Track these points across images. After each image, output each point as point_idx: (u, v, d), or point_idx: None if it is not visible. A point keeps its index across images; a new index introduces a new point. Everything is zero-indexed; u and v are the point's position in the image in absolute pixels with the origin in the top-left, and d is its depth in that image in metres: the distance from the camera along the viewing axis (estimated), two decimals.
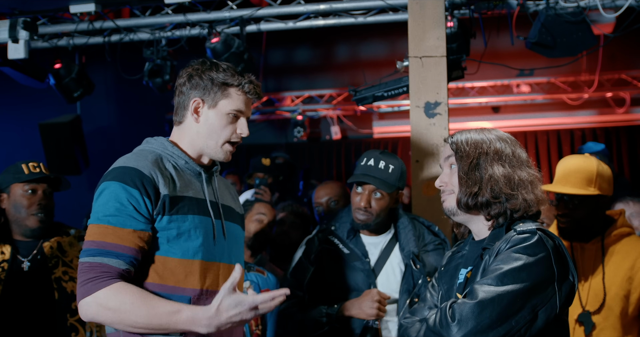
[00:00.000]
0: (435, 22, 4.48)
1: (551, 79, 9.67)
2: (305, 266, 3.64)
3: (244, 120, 2.69)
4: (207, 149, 2.68)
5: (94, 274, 2.38)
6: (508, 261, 2.29)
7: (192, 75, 2.69)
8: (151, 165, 2.53)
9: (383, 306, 3.40)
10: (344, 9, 6.03)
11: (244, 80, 2.66)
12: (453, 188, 2.52)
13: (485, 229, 2.52)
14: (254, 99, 2.72)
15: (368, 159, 3.52)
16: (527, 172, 2.48)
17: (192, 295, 2.51)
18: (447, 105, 4.44)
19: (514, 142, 2.54)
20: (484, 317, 2.23)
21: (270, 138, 11.01)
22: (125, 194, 2.45)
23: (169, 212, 2.50)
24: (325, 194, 4.90)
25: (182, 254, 2.52)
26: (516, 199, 2.42)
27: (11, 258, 3.68)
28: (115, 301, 2.35)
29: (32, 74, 6.46)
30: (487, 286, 2.26)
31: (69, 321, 3.67)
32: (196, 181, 2.67)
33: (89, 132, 7.75)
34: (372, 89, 5.03)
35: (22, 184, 3.72)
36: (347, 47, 10.57)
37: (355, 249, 3.57)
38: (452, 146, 2.55)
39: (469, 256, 2.56)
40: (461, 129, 2.62)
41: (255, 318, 3.68)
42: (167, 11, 6.27)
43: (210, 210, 2.64)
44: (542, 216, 4.25)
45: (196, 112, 2.67)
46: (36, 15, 6.32)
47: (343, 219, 3.70)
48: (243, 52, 6.05)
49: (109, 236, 2.43)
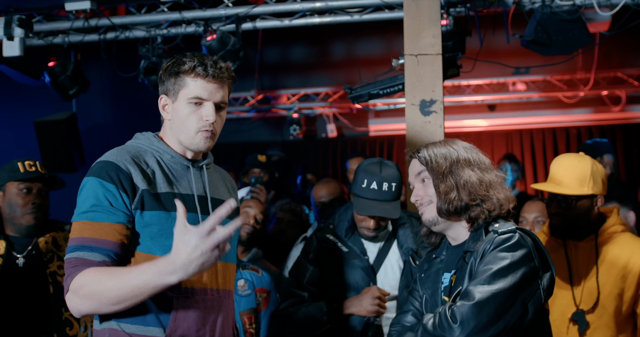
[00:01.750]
0: (431, 20, 4.47)
1: (547, 77, 9.67)
2: (304, 265, 3.66)
3: (208, 104, 2.57)
4: (185, 142, 2.62)
5: (70, 269, 2.38)
6: (495, 261, 2.41)
7: (160, 74, 2.67)
8: (130, 159, 2.52)
9: (383, 302, 3.43)
10: (340, 6, 6.02)
11: (194, 63, 2.56)
12: (430, 198, 2.62)
13: (465, 232, 2.62)
14: (216, 81, 2.59)
15: (370, 182, 3.46)
16: (494, 175, 2.62)
17: (175, 293, 2.47)
18: (443, 103, 4.44)
19: (476, 150, 2.69)
20: (483, 315, 2.34)
21: (266, 136, 11.02)
22: (102, 190, 2.44)
23: (148, 208, 2.48)
24: (328, 194, 4.92)
25: (163, 251, 2.45)
26: (491, 199, 2.56)
27: (6, 254, 3.69)
28: (86, 285, 2.33)
29: (27, 71, 6.45)
30: (481, 287, 2.37)
31: (64, 315, 3.69)
32: (184, 175, 2.64)
33: (85, 129, 7.73)
34: (368, 87, 5.03)
35: (17, 183, 3.72)
36: (343, 45, 10.56)
37: (353, 247, 3.59)
38: (421, 161, 2.65)
39: (449, 260, 2.66)
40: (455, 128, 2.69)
41: (249, 317, 3.70)
42: (162, 9, 6.26)
43: (197, 205, 2.61)
44: (537, 214, 4.29)
45: (164, 109, 2.66)
46: (31, 12, 6.31)
47: (341, 217, 3.70)
48: (239, 50, 6.04)
49: (87, 231, 2.42)
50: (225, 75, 2.60)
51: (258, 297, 3.80)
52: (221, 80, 2.60)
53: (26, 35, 5.33)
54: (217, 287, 2.61)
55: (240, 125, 10.91)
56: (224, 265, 2.66)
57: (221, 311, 2.61)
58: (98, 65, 7.83)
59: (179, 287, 2.48)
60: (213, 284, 2.59)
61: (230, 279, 2.71)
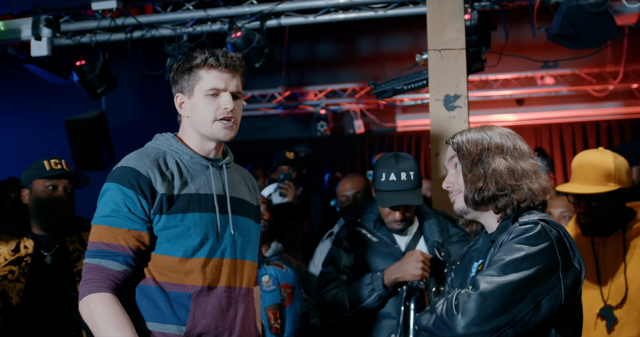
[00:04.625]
0: (455, 15, 4.46)
1: (576, 70, 9.58)
2: (338, 253, 3.72)
3: (225, 94, 2.62)
4: (205, 133, 2.64)
5: (90, 276, 2.45)
6: (510, 251, 2.32)
7: (172, 76, 2.71)
8: (150, 164, 2.55)
9: (427, 266, 3.42)
10: (364, 2, 6.01)
11: (206, 56, 2.61)
12: (460, 187, 2.55)
13: (495, 223, 2.53)
14: (229, 70, 2.63)
15: (387, 175, 3.51)
16: (529, 163, 2.49)
17: (192, 292, 2.52)
18: (467, 98, 4.42)
19: (514, 136, 2.56)
20: (486, 306, 2.26)
21: (293, 132, 11.04)
22: (122, 196, 2.48)
23: (167, 211, 2.52)
24: (352, 188, 4.92)
25: (182, 253, 2.53)
26: (521, 189, 2.44)
27: (34, 252, 3.73)
28: (95, 311, 2.41)
29: (56, 71, 6.54)
30: (489, 277, 2.30)
31: None
32: (203, 175, 2.66)
33: (114, 127, 7.81)
34: (392, 83, 5.03)
35: (44, 180, 3.77)
36: (370, 40, 10.54)
37: (383, 236, 3.62)
38: (453, 146, 2.58)
39: (481, 250, 2.58)
40: (482, 123, 2.64)
41: (274, 312, 3.72)
42: (188, 7, 6.30)
43: (216, 205, 2.63)
44: (563, 209, 4.24)
45: (182, 107, 2.68)
46: (59, 12, 6.37)
47: (368, 209, 3.76)
48: (264, 47, 6.06)
49: (105, 236, 2.47)
50: (237, 64, 2.65)
51: (282, 293, 3.82)
52: (234, 69, 2.65)
53: (54, 35, 5.40)
54: (236, 284, 2.64)
55: (268, 122, 10.95)
56: (241, 263, 2.68)
57: (240, 308, 2.64)
58: (126, 64, 7.91)
59: (197, 285, 2.52)
60: (231, 281, 2.62)
61: (250, 277, 2.73)
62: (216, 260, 2.59)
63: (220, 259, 2.61)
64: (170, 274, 2.53)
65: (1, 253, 3.69)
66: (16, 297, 3.62)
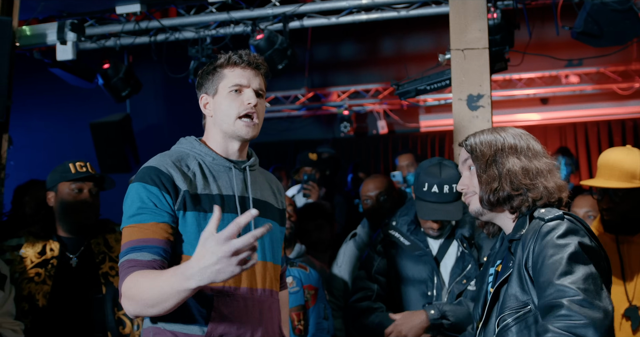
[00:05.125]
0: (477, 14, 4.44)
1: (601, 68, 9.49)
2: (371, 256, 3.79)
3: (248, 90, 2.67)
4: (228, 130, 2.67)
5: (122, 272, 2.44)
6: (559, 251, 2.26)
7: (197, 81, 2.78)
8: (171, 163, 2.58)
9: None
10: (386, 2, 6.01)
11: (229, 55, 2.69)
12: (474, 189, 2.55)
13: (511, 223, 2.53)
14: (251, 68, 2.69)
15: (430, 185, 3.54)
16: (544, 162, 2.50)
17: (215, 293, 2.52)
18: (491, 97, 4.39)
19: (527, 136, 2.57)
20: (597, 302, 2.17)
21: (317, 133, 11.04)
22: (146, 192, 2.51)
23: (189, 209, 2.54)
24: (375, 188, 4.92)
25: None
26: (537, 188, 2.44)
27: (60, 255, 3.78)
28: (129, 288, 2.37)
29: (81, 74, 6.60)
30: (567, 277, 2.21)
31: (117, 315, 3.76)
32: (226, 176, 2.68)
33: (139, 129, 7.87)
34: (415, 83, 5.01)
35: (69, 183, 3.81)
36: (393, 41, 10.52)
37: (416, 240, 3.67)
38: (467, 148, 2.59)
39: (500, 251, 2.59)
40: (506, 122, 2.63)
41: (297, 313, 3.72)
42: (211, 9, 6.33)
43: (237, 206, 2.64)
44: (588, 208, 4.21)
45: (206, 107, 2.73)
46: (84, 17, 6.45)
47: (403, 213, 3.80)
48: (286, 49, 6.08)
49: (135, 234, 2.48)
50: (260, 62, 2.72)
51: (306, 294, 3.83)
52: (257, 67, 2.71)
53: (78, 39, 5.43)
54: (258, 286, 2.64)
55: (291, 124, 10.97)
56: (264, 265, 2.68)
57: (263, 310, 2.64)
58: (150, 67, 7.96)
59: (219, 287, 2.53)
60: (253, 283, 2.62)
61: (273, 279, 2.73)
62: None
63: None
64: None
65: (28, 256, 3.74)
66: (42, 299, 3.66)
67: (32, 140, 8.46)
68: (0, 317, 3.42)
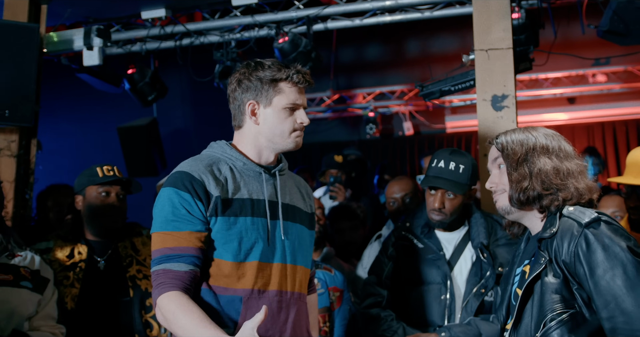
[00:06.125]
0: (501, 14, 4.42)
1: (628, 67, 9.40)
2: (382, 261, 3.77)
3: (302, 110, 2.74)
4: (275, 144, 2.72)
5: (159, 281, 2.49)
6: (599, 250, 2.27)
7: (241, 80, 2.74)
8: (203, 169, 2.60)
9: None
10: (410, 4, 5.99)
11: (291, 72, 2.71)
12: (504, 187, 2.55)
13: (539, 223, 2.52)
14: (305, 88, 2.77)
15: (438, 161, 3.60)
16: (574, 163, 2.50)
17: (244, 295, 2.56)
18: (515, 97, 4.37)
19: (558, 137, 2.57)
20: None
21: (342, 135, 11.04)
22: (178, 198, 2.54)
23: (221, 214, 2.57)
24: (400, 190, 4.92)
25: (234, 257, 2.57)
26: (568, 188, 2.45)
27: (88, 258, 3.81)
28: (165, 311, 2.45)
29: (108, 79, 6.66)
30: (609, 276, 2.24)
31: (144, 318, 3.79)
32: (256, 181, 2.70)
33: (165, 133, 7.92)
34: (439, 84, 5.00)
35: (97, 187, 3.85)
36: (417, 42, 10.49)
37: (429, 243, 3.66)
38: (498, 147, 2.59)
39: (527, 251, 2.58)
40: (532, 122, 2.62)
41: (322, 315, 3.73)
42: (235, 13, 6.36)
43: (267, 210, 2.67)
44: (615, 208, 4.18)
45: (254, 114, 2.73)
46: (110, 22, 6.51)
47: (417, 215, 3.79)
48: (310, 51, 6.09)
49: (169, 241, 2.52)
50: (311, 82, 2.79)
51: (331, 296, 3.84)
52: (309, 86, 2.78)
53: (105, 44, 5.50)
54: (287, 289, 2.67)
55: (317, 126, 10.97)
56: (293, 268, 2.71)
57: (291, 313, 2.66)
58: (176, 71, 8.02)
59: (248, 289, 2.56)
60: (282, 286, 2.65)
61: (302, 282, 2.76)
62: (267, 264, 2.63)
63: (271, 264, 2.64)
64: (223, 278, 2.58)
65: (56, 259, 3.78)
66: (71, 302, 3.70)
67: (61, 145, 8.54)
68: (40, 320, 3.44)
